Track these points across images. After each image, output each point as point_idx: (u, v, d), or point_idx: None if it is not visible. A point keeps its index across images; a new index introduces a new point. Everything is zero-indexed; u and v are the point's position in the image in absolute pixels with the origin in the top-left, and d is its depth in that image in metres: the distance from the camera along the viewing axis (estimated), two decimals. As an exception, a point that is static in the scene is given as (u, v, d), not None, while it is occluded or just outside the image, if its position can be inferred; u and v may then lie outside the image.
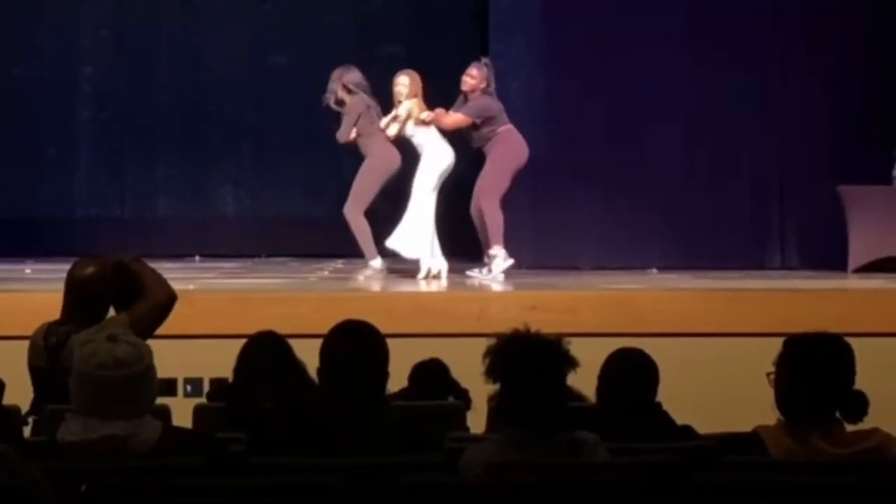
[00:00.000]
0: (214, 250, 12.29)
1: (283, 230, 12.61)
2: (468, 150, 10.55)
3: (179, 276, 10.76)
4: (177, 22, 12.70)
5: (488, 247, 10.32)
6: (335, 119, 10.56)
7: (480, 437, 4.98)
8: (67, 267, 6.23)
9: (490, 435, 4.98)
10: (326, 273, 11.11)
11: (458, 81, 10.91)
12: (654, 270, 10.94)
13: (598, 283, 10.12)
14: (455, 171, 10.40)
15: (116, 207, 12.34)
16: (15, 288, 9.73)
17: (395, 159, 10.53)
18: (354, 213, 10.54)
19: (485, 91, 10.43)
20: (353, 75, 10.65)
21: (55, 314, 6.05)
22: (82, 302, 5.94)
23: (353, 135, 10.53)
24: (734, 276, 10.46)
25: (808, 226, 11.20)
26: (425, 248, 10.37)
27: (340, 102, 10.56)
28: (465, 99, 10.47)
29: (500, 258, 10.20)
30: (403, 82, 10.52)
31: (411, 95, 10.48)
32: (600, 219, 11.12)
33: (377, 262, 10.46)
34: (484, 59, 10.57)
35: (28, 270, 10.86)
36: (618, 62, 11.08)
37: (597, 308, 8.85)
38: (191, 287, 9.97)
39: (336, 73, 10.65)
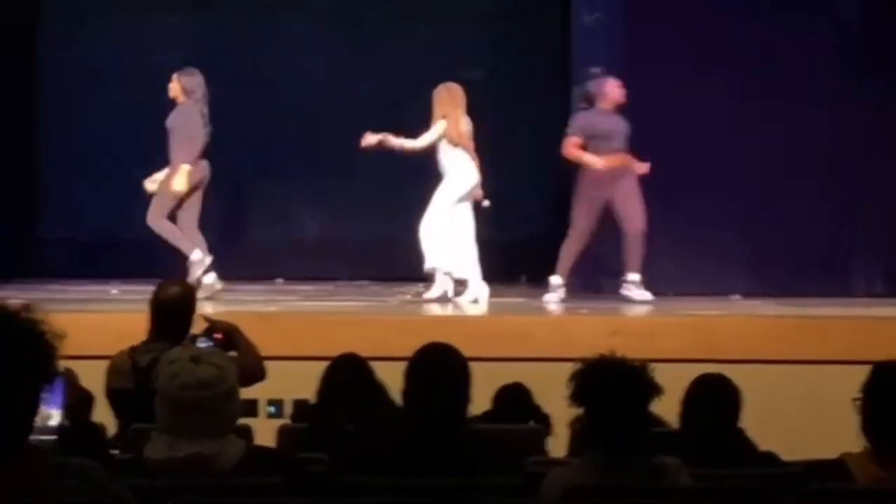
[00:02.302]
0: (296, 273, 12.31)
1: (364, 253, 12.64)
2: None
3: (262, 298, 10.88)
4: (259, 47, 12.77)
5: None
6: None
7: (562, 461, 4.97)
8: (151, 288, 6.30)
9: (572, 459, 4.96)
10: (408, 297, 11.11)
11: (538, 103, 10.94)
12: (737, 296, 10.85)
13: (678, 308, 10.06)
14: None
15: (200, 228, 12.36)
16: (100, 309, 9.81)
17: (195, 171, 10.55)
18: (155, 222, 10.57)
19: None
20: (191, 80, 10.67)
21: (138, 334, 6.12)
22: (168, 322, 6.01)
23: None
24: (817, 303, 10.35)
25: (893, 251, 11.07)
26: (442, 258, 10.38)
27: (175, 99, 10.65)
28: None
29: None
30: (435, 100, 10.53)
31: (439, 116, 10.49)
32: (681, 243, 11.05)
33: (197, 255, 10.49)
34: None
35: (114, 291, 10.95)
36: (697, 88, 11.02)
37: (677, 333, 8.80)
38: (273, 309, 10.05)
39: (177, 73, 10.71)
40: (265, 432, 5.90)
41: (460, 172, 10.44)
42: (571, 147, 10.43)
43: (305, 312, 10.03)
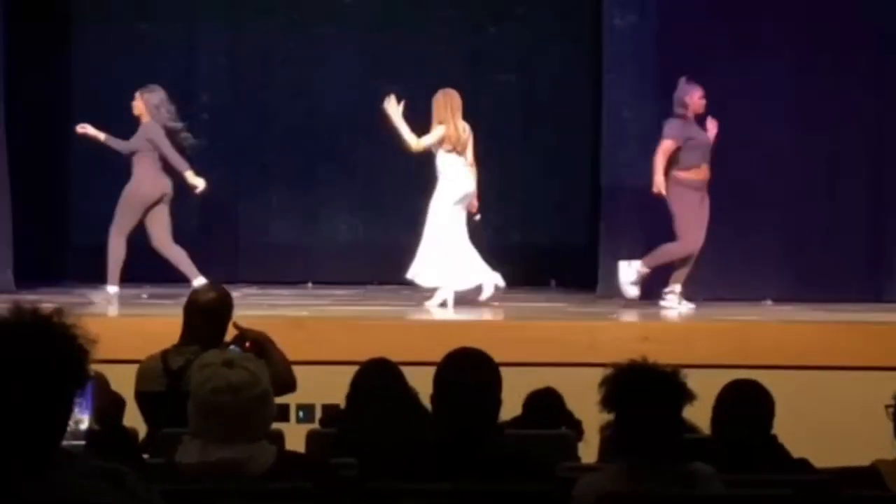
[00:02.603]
0: (327, 277, 12.32)
1: (394, 258, 12.63)
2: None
3: (292, 302, 10.90)
4: (291, 52, 12.80)
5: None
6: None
7: (593, 467, 4.96)
8: (182, 292, 6.31)
9: (603, 465, 4.95)
10: (441, 301, 11.11)
11: (567, 106, 10.88)
12: (769, 301, 10.83)
13: (711, 313, 10.04)
14: None
15: (231, 233, 12.43)
16: (130, 313, 9.85)
17: (157, 187, 10.71)
18: (113, 234, 10.77)
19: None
20: (153, 96, 10.79)
21: (168, 338, 6.12)
22: (203, 326, 6.02)
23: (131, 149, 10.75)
24: (851, 309, 10.33)
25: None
26: (445, 275, 10.37)
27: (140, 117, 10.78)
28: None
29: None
30: (434, 105, 10.55)
31: (438, 121, 10.50)
32: (713, 248, 11.02)
33: (113, 290, 10.65)
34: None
35: (144, 295, 10.99)
36: (728, 90, 11.00)
37: (710, 339, 8.79)
38: (304, 314, 10.06)
39: (139, 91, 10.82)
40: (295, 437, 5.91)
41: (454, 178, 10.45)
42: (662, 153, 10.34)
43: (336, 317, 10.05)
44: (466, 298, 10.36)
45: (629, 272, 10.43)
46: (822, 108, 11.07)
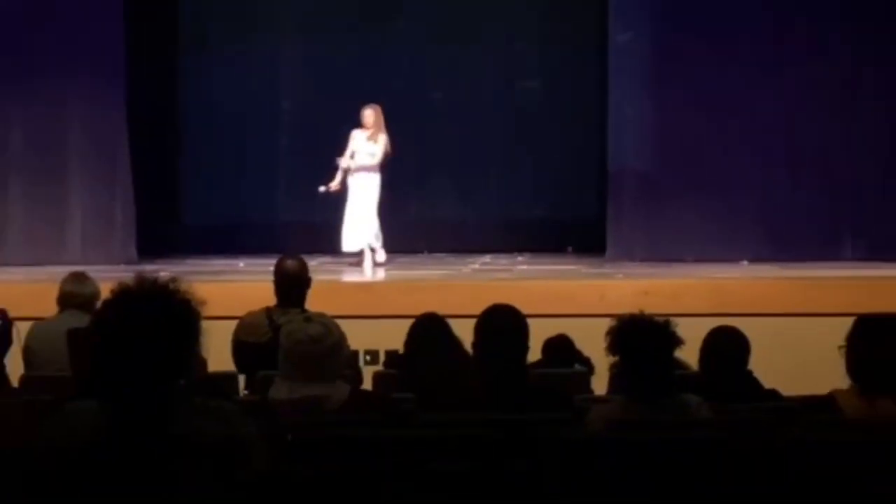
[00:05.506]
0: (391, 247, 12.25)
1: (443, 230, 12.58)
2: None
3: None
4: (356, 59, 12.63)
5: None
6: None
7: (604, 399, 4.96)
8: (271, 262, 6.30)
9: (611, 396, 4.96)
10: (477, 266, 11.13)
11: (579, 106, 10.75)
12: (745, 262, 10.78)
13: (698, 272, 10.00)
14: None
15: (310, 213, 12.33)
16: (230, 279, 9.91)
17: None
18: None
19: None
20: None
21: (260, 300, 6.12)
22: (289, 289, 6.02)
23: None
24: (813, 267, 10.26)
25: (876, 223, 10.93)
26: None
27: None
28: None
29: None
30: (369, 115, 10.55)
31: (380, 130, 10.50)
32: (701, 219, 10.99)
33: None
34: None
35: (241, 264, 11.04)
36: (714, 85, 10.93)
37: (697, 293, 8.76)
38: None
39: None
40: (364, 378, 5.93)
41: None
42: None
43: (396, 280, 10.07)
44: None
45: None
46: (789, 106, 10.97)
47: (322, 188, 10.75)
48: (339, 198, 10.92)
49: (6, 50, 11.03)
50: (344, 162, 10.69)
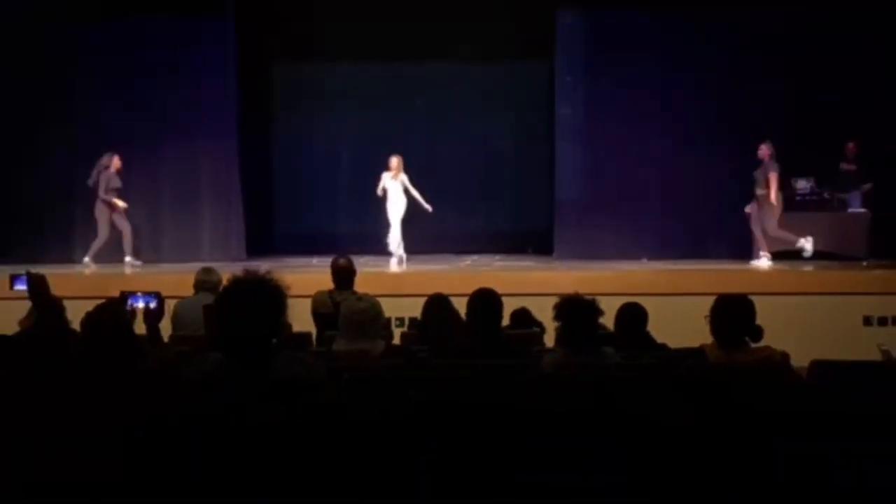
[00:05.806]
0: (414, 249, 11.99)
1: (446, 238, 12.38)
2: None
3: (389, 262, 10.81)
4: (389, 124, 12.17)
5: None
6: None
7: (552, 350, 4.95)
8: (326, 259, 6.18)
9: (557, 348, 4.97)
10: (468, 262, 11.07)
11: (539, 158, 10.47)
12: (645, 259, 10.74)
13: (614, 266, 9.95)
14: None
15: (360, 225, 12.17)
16: (306, 271, 9.87)
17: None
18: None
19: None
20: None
21: (323, 284, 6.09)
22: (341, 278, 6.01)
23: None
24: (689, 262, 10.21)
25: (731, 232, 10.82)
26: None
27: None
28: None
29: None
30: (394, 162, 10.37)
31: (400, 171, 10.36)
32: (616, 230, 10.93)
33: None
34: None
35: (314, 261, 10.95)
36: (626, 140, 10.69)
37: (613, 280, 8.73)
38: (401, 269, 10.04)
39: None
40: (394, 336, 5.90)
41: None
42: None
43: (415, 272, 10.03)
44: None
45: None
46: (692, 141, 10.65)
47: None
48: (380, 215, 10.79)
49: (148, 106, 10.93)
50: (380, 190, 10.65)
